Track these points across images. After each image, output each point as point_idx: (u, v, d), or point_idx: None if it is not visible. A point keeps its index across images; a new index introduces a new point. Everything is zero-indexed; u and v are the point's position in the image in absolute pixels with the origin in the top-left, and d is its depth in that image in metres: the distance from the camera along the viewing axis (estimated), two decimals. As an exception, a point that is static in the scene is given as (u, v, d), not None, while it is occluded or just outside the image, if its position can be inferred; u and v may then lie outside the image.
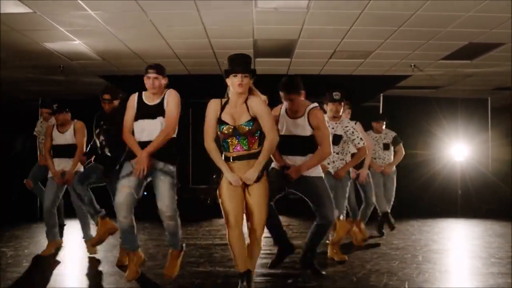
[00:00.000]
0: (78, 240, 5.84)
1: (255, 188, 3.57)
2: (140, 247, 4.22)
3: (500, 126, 11.19)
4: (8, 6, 5.32)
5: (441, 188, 9.79)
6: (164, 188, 3.97)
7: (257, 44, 7.03)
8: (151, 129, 4.00)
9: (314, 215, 4.22)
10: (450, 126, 10.00)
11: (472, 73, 8.67)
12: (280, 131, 4.13)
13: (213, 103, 3.62)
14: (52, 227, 5.48)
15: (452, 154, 9.99)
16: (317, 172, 4.21)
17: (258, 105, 3.57)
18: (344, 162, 5.18)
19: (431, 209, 9.34)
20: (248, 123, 3.53)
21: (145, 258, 4.31)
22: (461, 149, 9.93)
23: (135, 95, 4.17)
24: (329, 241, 5.32)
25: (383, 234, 6.80)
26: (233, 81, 3.52)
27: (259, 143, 3.61)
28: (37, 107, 9.16)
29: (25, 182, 6.47)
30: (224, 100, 3.65)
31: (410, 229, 7.53)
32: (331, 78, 8.91)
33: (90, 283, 4.35)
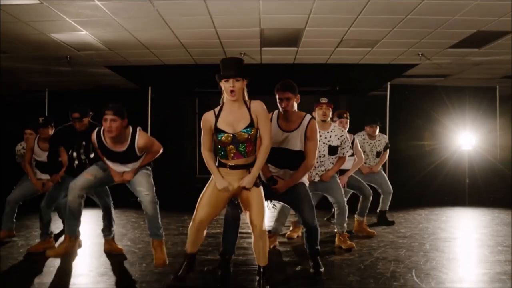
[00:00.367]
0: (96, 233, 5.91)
1: (252, 189, 3.61)
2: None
3: (508, 115, 11.14)
4: (15, -3, 5.35)
5: (449, 177, 9.76)
6: (142, 175, 4.28)
7: (264, 34, 7.02)
8: (124, 168, 4.29)
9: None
10: (458, 115, 9.94)
11: (480, 62, 8.61)
12: (273, 144, 4.07)
13: (206, 116, 3.60)
14: (8, 218, 5.58)
15: (460, 143, 9.95)
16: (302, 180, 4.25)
17: (261, 108, 3.58)
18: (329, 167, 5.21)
19: (439, 198, 9.32)
20: (248, 130, 3.52)
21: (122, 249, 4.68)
22: (469, 138, 9.87)
23: (94, 135, 4.22)
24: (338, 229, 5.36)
25: (393, 223, 6.82)
26: (226, 87, 3.51)
27: (255, 149, 3.65)
28: (44, 98, 9.23)
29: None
30: (218, 109, 3.62)
31: (418, 218, 7.52)
32: (338, 67, 8.89)
33: (104, 270, 4.40)
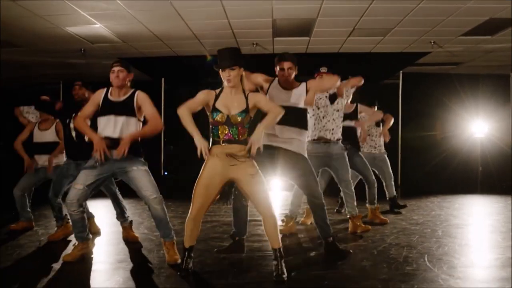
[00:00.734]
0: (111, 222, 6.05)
1: (251, 178, 3.70)
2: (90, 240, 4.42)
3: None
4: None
5: (461, 165, 9.79)
6: (142, 176, 4.18)
7: (276, 24, 7.06)
8: (116, 126, 4.14)
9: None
10: (471, 103, 9.94)
11: (493, 49, 8.58)
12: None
13: (207, 92, 3.79)
14: (22, 209, 5.73)
15: (473, 131, 9.95)
16: (302, 150, 4.34)
17: (260, 96, 3.81)
18: (340, 131, 5.29)
19: (451, 186, 9.35)
20: (241, 114, 3.68)
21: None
22: (482, 126, 9.87)
23: (103, 90, 4.28)
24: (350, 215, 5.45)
25: (405, 206, 6.89)
26: (223, 75, 3.73)
27: (249, 134, 3.75)
28: (58, 91, 9.38)
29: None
30: (218, 91, 3.80)
31: (430, 205, 7.57)
32: (350, 56, 8.90)
33: (123, 257, 4.52)
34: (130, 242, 5.06)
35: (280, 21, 6.97)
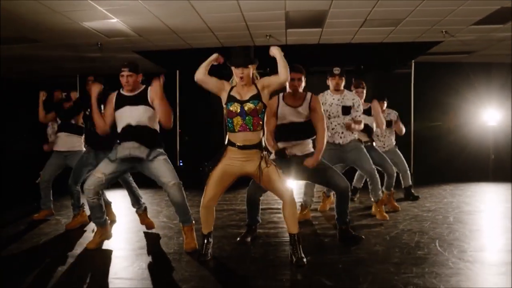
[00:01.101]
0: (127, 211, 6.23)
1: (266, 170, 3.86)
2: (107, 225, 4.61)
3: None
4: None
5: (473, 153, 9.83)
6: (161, 165, 4.32)
7: (289, 16, 7.16)
8: (132, 115, 4.30)
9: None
10: (483, 91, 9.96)
11: (505, 38, 8.59)
12: (282, 120, 4.52)
13: (224, 81, 3.98)
14: (45, 197, 5.98)
15: (485, 119, 9.98)
16: (311, 150, 4.59)
17: (264, 78, 3.94)
18: (351, 133, 5.37)
19: (463, 174, 9.41)
20: (254, 101, 3.81)
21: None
22: (494, 114, 9.90)
23: (115, 92, 4.49)
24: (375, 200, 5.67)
25: (418, 198, 6.99)
26: (235, 72, 3.87)
27: (262, 126, 3.89)
28: (75, 84, 9.58)
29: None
30: (233, 85, 3.96)
31: (442, 193, 7.67)
32: (362, 46, 8.97)
33: (143, 244, 4.71)
34: (150, 230, 5.24)
35: (293, 13, 7.07)
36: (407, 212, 6.05)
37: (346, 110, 5.30)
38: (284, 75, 3.81)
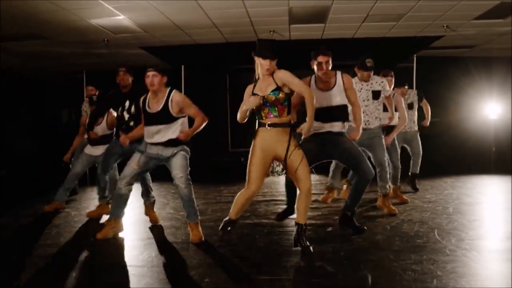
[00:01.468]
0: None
1: (293, 154, 4.00)
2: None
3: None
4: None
5: (475, 146, 9.94)
6: (178, 158, 4.50)
7: (292, 11, 7.29)
8: (157, 133, 4.49)
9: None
10: (485, 85, 10.06)
11: (506, 32, 8.69)
12: (316, 105, 4.39)
13: (248, 88, 4.18)
14: (65, 190, 6.18)
15: (487, 113, 10.08)
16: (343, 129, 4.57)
17: (284, 74, 4.01)
18: (378, 119, 5.46)
19: (465, 167, 9.53)
20: (274, 93, 3.98)
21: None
22: (495, 108, 10.00)
23: (141, 99, 4.67)
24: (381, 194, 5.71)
25: (417, 190, 7.12)
26: (262, 64, 4.02)
27: (288, 112, 4.06)
28: (82, 80, 9.73)
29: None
30: (255, 82, 4.14)
31: (443, 185, 7.78)
32: (365, 41, 9.09)
33: (152, 234, 4.88)
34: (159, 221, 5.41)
35: (296, 9, 7.20)
36: (408, 203, 6.18)
37: (377, 95, 5.41)
38: (307, 95, 3.96)
